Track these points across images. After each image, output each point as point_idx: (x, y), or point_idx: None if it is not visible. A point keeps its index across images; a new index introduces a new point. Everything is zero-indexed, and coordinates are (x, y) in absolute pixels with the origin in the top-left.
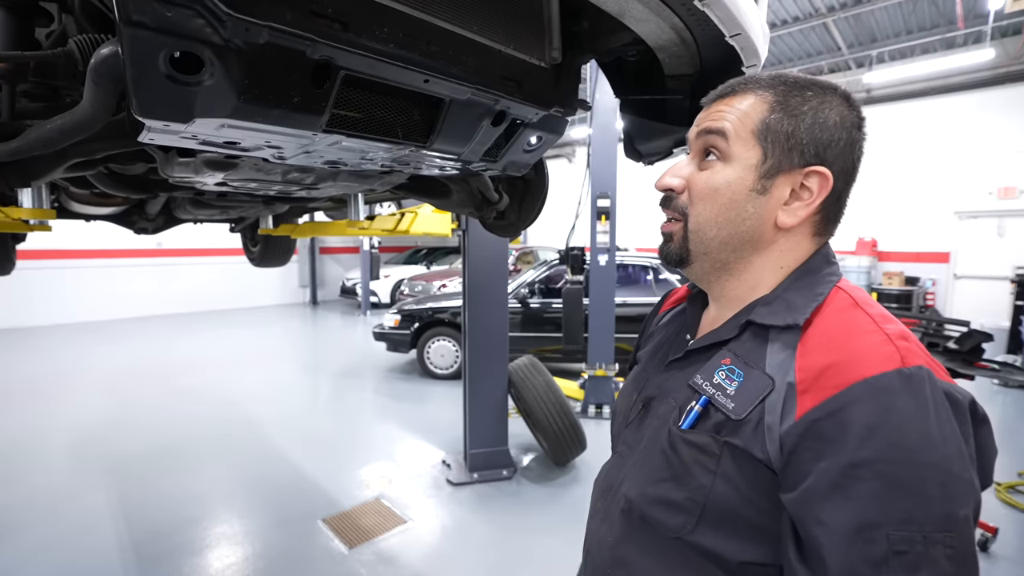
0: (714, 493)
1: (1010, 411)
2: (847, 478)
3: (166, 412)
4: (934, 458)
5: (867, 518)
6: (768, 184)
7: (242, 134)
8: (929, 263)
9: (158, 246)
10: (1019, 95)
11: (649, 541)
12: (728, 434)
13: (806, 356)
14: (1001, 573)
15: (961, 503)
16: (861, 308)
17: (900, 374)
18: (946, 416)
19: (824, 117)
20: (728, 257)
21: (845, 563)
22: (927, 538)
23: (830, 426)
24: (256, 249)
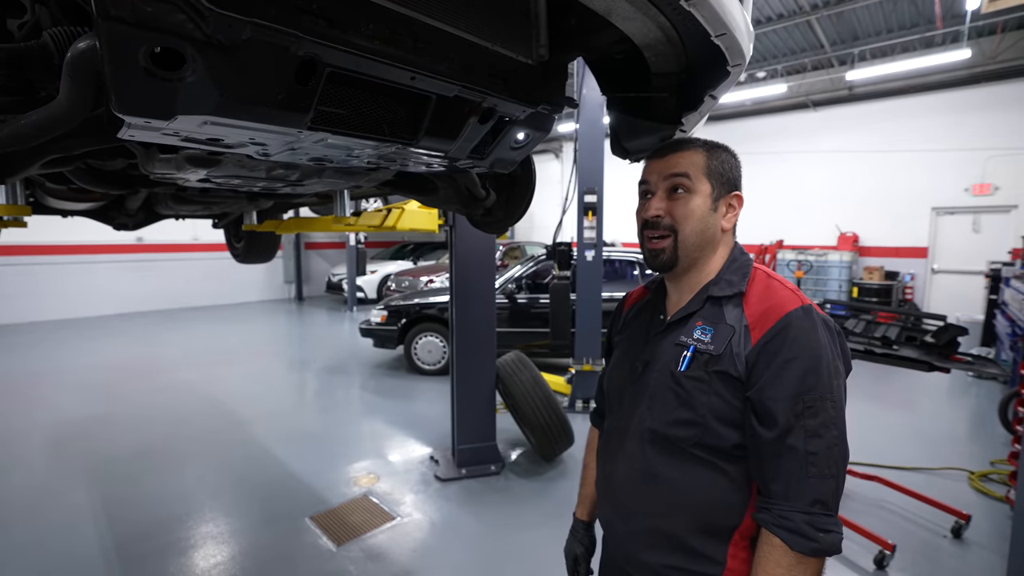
0: (712, 405)
1: (984, 402)
2: (781, 369)
3: (149, 410)
4: (822, 353)
5: (794, 389)
6: (717, 204)
7: (226, 131)
8: (908, 258)
9: (139, 241)
10: (994, 94)
11: (672, 454)
12: (713, 365)
13: (750, 308)
14: (974, 559)
15: (835, 377)
16: (772, 277)
17: (803, 308)
18: (824, 331)
19: (730, 163)
20: (698, 255)
21: (785, 417)
22: (822, 397)
23: (774, 343)
24: (240, 245)
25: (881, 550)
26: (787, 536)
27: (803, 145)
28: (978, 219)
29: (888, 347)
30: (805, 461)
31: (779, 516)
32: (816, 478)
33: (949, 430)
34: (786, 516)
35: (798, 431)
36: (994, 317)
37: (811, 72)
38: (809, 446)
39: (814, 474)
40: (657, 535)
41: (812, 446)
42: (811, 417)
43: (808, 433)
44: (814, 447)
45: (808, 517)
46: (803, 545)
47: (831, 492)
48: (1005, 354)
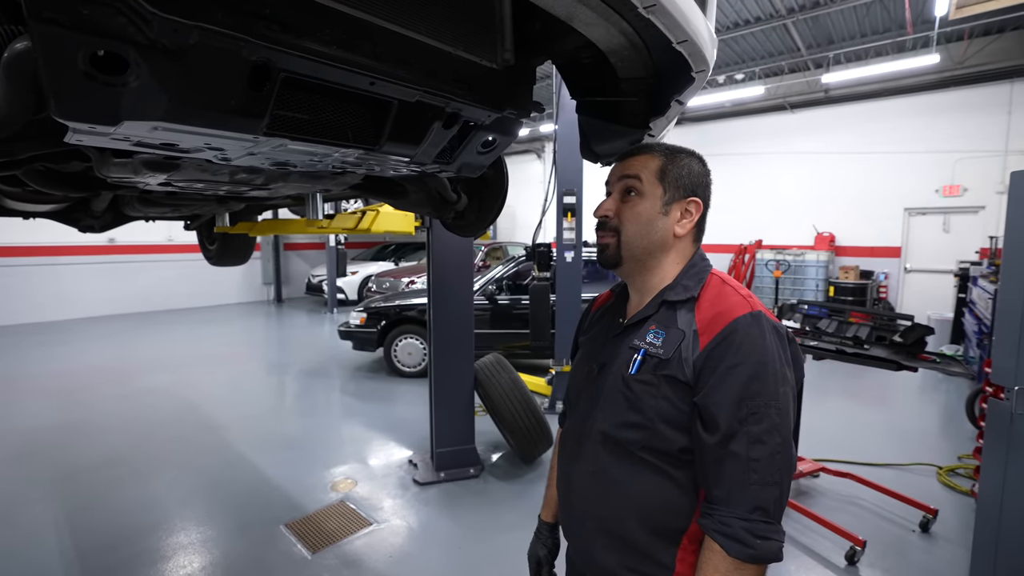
0: (659, 409)
1: (953, 398)
2: (726, 375)
3: (120, 417)
4: (768, 359)
5: (738, 395)
6: (668, 209)
7: (179, 136)
8: (882, 257)
9: (110, 243)
10: (962, 98)
11: (622, 457)
12: (662, 369)
13: (701, 313)
14: (940, 552)
15: (782, 384)
16: (727, 283)
17: (751, 315)
18: (773, 337)
19: (692, 168)
20: (646, 258)
21: (728, 423)
22: (766, 404)
23: (719, 349)
24: (213, 247)
25: (852, 546)
26: (725, 542)
27: (781, 146)
28: (948, 219)
29: (859, 347)
30: (747, 467)
31: (719, 522)
32: (757, 485)
33: (919, 426)
34: (726, 522)
35: (741, 437)
36: (963, 315)
37: (788, 75)
38: (751, 452)
39: (755, 481)
40: (609, 536)
41: (755, 452)
42: (755, 423)
43: (751, 439)
44: (756, 453)
45: (747, 524)
46: (740, 551)
47: (773, 499)
48: (973, 351)
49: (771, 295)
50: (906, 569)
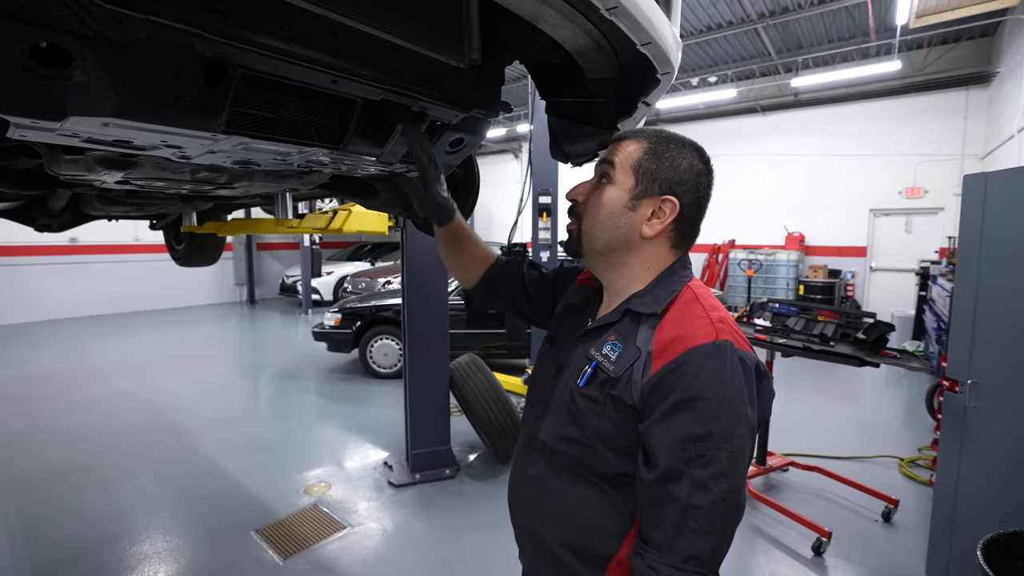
0: (601, 429)
1: (913, 392)
2: (674, 409)
3: (82, 423)
4: (726, 397)
5: (685, 434)
6: (636, 204)
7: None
8: (849, 257)
9: (71, 242)
10: (922, 104)
11: (559, 467)
12: (610, 388)
13: (661, 333)
14: (902, 542)
15: (739, 424)
16: (699, 301)
17: (714, 344)
18: (737, 372)
19: (677, 163)
20: (610, 255)
21: (668, 462)
22: (716, 446)
23: (670, 378)
24: (181, 247)
25: (819, 537)
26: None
27: (753, 148)
28: (910, 220)
29: (825, 344)
30: (686, 513)
31: (648, 566)
32: (695, 533)
33: (883, 420)
34: (656, 567)
35: (684, 480)
36: (923, 312)
37: (759, 78)
38: (693, 498)
39: (693, 529)
40: (539, 544)
41: (697, 499)
42: (701, 467)
43: (695, 484)
44: (699, 500)
45: (677, 573)
46: None
47: (710, 549)
48: (932, 347)
49: (744, 294)
50: (869, 558)
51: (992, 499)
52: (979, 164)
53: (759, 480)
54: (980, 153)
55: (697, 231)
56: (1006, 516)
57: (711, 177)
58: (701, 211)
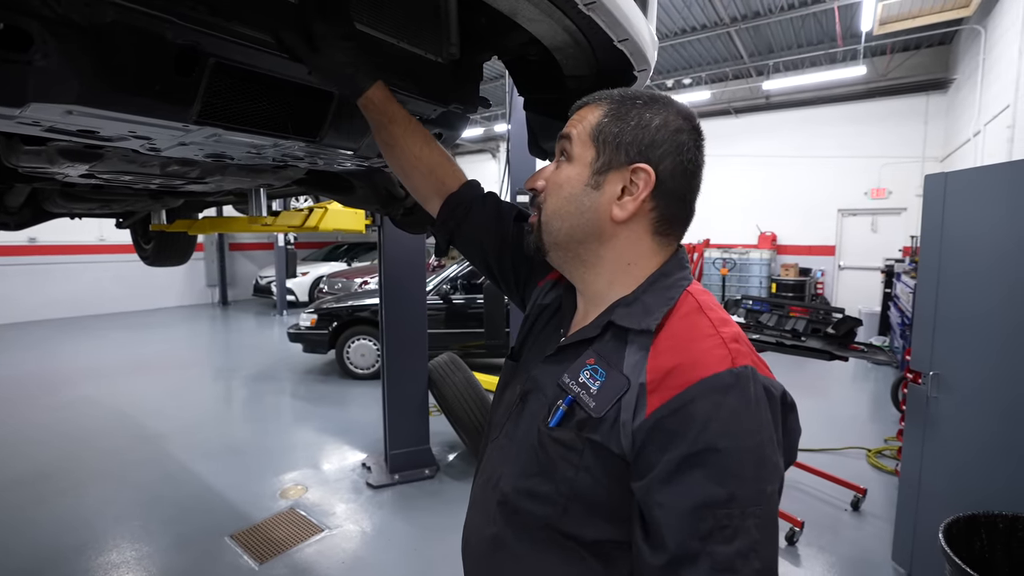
0: (578, 484)
1: (880, 385)
2: (685, 466)
3: (46, 430)
4: (752, 445)
5: (698, 500)
6: (601, 180)
7: (98, 123)
8: (819, 256)
9: (31, 242)
10: (886, 108)
11: (522, 527)
12: (589, 431)
13: (656, 358)
14: (870, 529)
15: (769, 481)
16: (704, 312)
17: (731, 374)
18: (764, 408)
19: (647, 121)
20: (578, 248)
21: (679, 539)
22: (743, 512)
23: (673, 422)
24: (149, 247)
25: (792, 527)
26: None
27: (727, 149)
28: (876, 220)
29: (797, 339)
30: None
31: None
32: None
33: (851, 412)
34: None
35: (702, 562)
36: (889, 309)
37: (732, 81)
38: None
39: None
40: None
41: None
42: (723, 543)
43: (716, 566)
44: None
45: None
46: None
47: None
48: (897, 341)
49: (718, 292)
50: (839, 545)
51: (953, 485)
52: (939, 166)
53: None
54: (940, 155)
55: (689, 211)
56: (965, 500)
57: (698, 137)
58: (691, 182)
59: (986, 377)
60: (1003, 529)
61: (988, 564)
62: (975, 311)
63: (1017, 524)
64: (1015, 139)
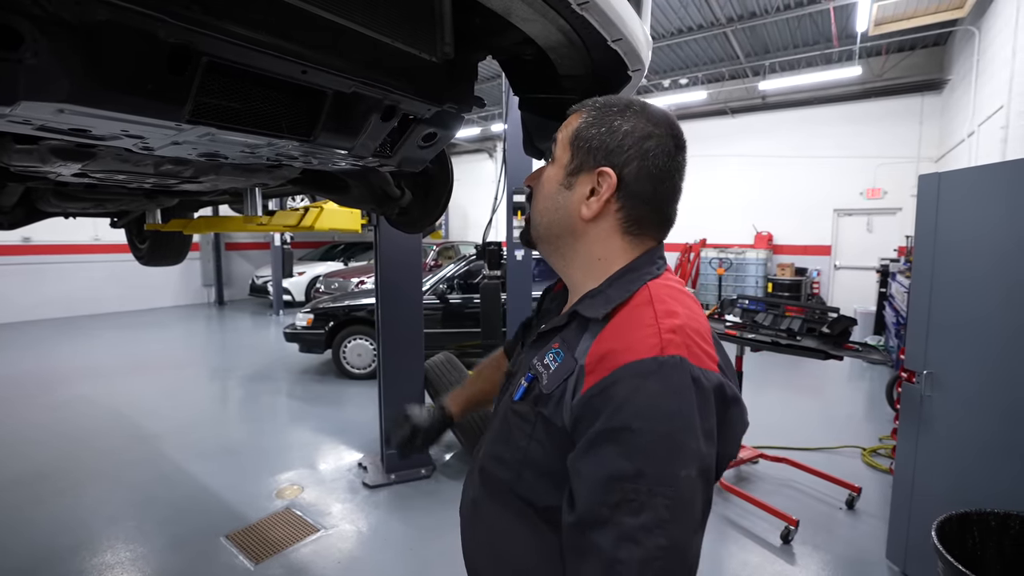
0: (529, 452)
1: (875, 385)
2: (599, 440)
3: (41, 430)
4: (666, 428)
5: (609, 472)
6: (572, 181)
7: (90, 121)
8: (815, 255)
9: (24, 242)
10: (881, 108)
11: (493, 490)
12: (541, 406)
13: (599, 344)
14: (865, 527)
15: (684, 465)
16: (652, 304)
17: (655, 361)
18: (687, 397)
19: (616, 128)
20: (556, 242)
21: (590, 505)
22: (651, 490)
23: (598, 400)
24: (144, 246)
25: (787, 526)
26: None
27: (723, 149)
28: (871, 220)
29: (792, 338)
30: (610, 570)
31: None
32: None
33: (847, 412)
34: None
35: (609, 529)
36: (884, 308)
37: (729, 81)
38: (619, 552)
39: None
40: (472, 569)
41: (623, 553)
42: (631, 514)
43: (622, 535)
44: (625, 555)
45: None
46: None
47: None
48: (892, 341)
49: (715, 292)
50: (834, 544)
51: (946, 483)
52: (933, 166)
53: (730, 472)
54: (934, 156)
55: (661, 214)
56: (959, 498)
57: (668, 143)
58: (659, 186)
59: (980, 376)
60: (995, 527)
61: (980, 561)
62: (969, 311)
63: (1009, 522)
64: (1008, 139)
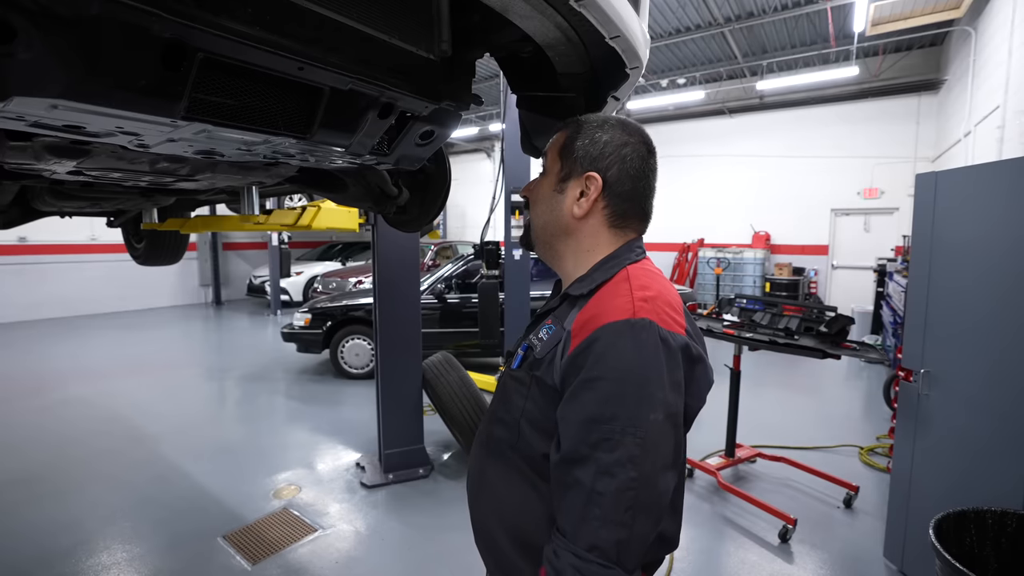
0: (527, 410)
1: (873, 384)
2: (580, 388)
3: (37, 431)
4: (635, 379)
5: (588, 414)
6: (564, 187)
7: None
8: (812, 255)
9: (20, 242)
10: (878, 108)
11: (495, 450)
12: (535, 369)
13: (583, 313)
14: (862, 526)
15: (650, 410)
16: (628, 280)
17: (627, 323)
18: (654, 352)
19: (596, 139)
20: (551, 240)
21: (572, 444)
22: (623, 430)
23: (581, 357)
24: (141, 246)
25: (785, 525)
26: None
27: (721, 149)
28: (868, 220)
29: (790, 337)
30: (590, 500)
31: (553, 552)
32: (598, 521)
33: (844, 411)
34: (559, 554)
35: (589, 464)
36: (881, 308)
37: (726, 81)
38: (598, 484)
39: (596, 516)
40: (482, 535)
41: (601, 485)
42: (607, 451)
43: (600, 469)
44: (603, 486)
45: (579, 562)
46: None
47: (614, 541)
48: (889, 340)
49: (713, 291)
50: (832, 542)
51: (943, 481)
52: (930, 166)
53: (728, 471)
54: (931, 156)
55: (640, 209)
56: (955, 496)
57: (641, 149)
58: (636, 184)
59: (977, 375)
60: (992, 524)
61: (977, 559)
62: (966, 310)
63: (1006, 520)
64: (1004, 139)
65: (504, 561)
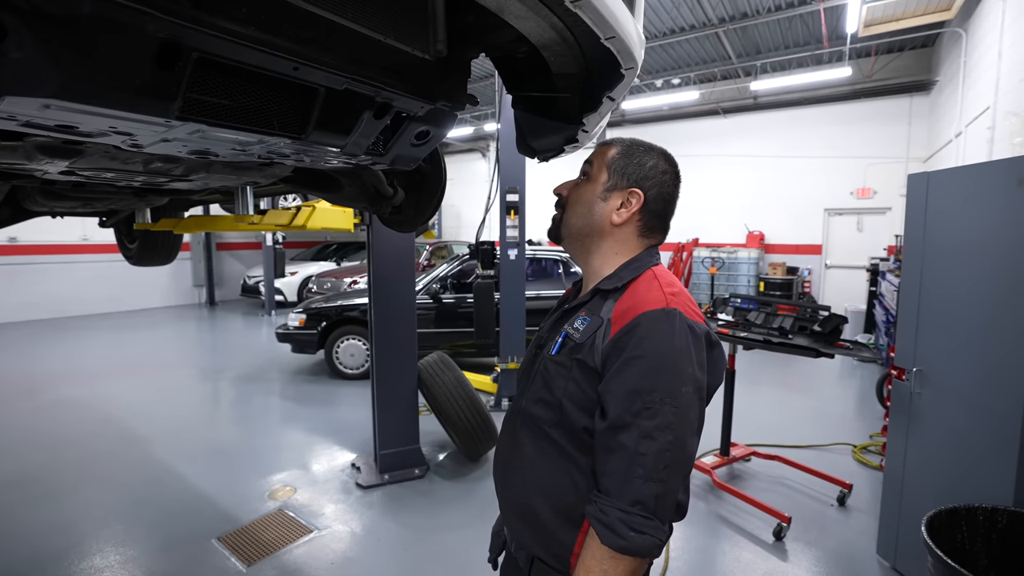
0: (568, 390)
1: (866, 383)
2: (624, 365)
3: (28, 432)
4: (671, 358)
5: (633, 387)
6: (608, 196)
7: (78, 118)
8: (806, 255)
9: (10, 242)
10: (871, 109)
11: (536, 434)
12: (576, 353)
13: (620, 304)
14: (855, 523)
15: (683, 383)
16: (656, 279)
17: (662, 311)
18: (684, 336)
19: (643, 162)
20: (584, 239)
21: (617, 413)
22: (662, 400)
23: (623, 340)
24: (134, 246)
25: (779, 523)
26: (600, 529)
27: (715, 149)
28: (861, 219)
29: (784, 336)
30: (633, 461)
31: (599, 509)
32: (641, 479)
33: (838, 409)
34: (605, 511)
35: (632, 430)
36: (874, 307)
37: (721, 81)
38: (640, 447)
39: (639, 475)
40: (520, 508)
41: (643, 447)
42: (648, 418)
43: (642, 434)
44: (645, 448)
45: (624, 515)
46: (612, 540)
47: (655, 495)
48: (882, 339)
49: (707, 291)
50: (826, 540)
51: (935, 479)
52: (922, 166)
53: (723, 470)
54: (923, 156)
55: (665, 225)
56: (947, 494)
57: (676, 178)
58: (667, 206)
59: (969, 373)
60: (983, 521)
61: (969, 555)
62: (958, 308)
63: (997, 516)
64: (995, 140)
65: (542, 530)
